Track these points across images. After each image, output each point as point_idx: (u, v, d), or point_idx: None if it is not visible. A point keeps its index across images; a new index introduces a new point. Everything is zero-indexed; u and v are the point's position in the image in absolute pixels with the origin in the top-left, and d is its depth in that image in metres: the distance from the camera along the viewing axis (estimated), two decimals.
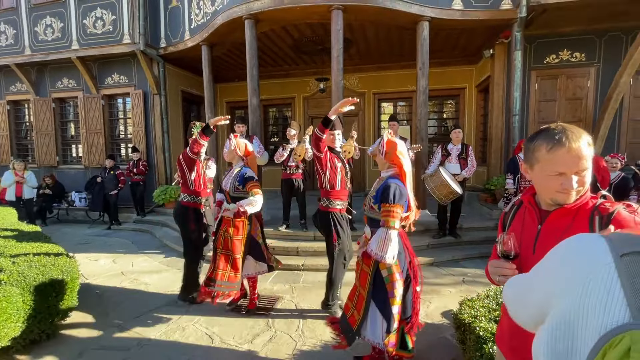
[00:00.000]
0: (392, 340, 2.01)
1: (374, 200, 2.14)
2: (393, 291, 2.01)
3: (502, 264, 1.06)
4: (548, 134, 1.01)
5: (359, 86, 8.60)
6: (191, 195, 3.37)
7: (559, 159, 0.98)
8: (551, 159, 1.00)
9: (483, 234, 5.08)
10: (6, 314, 2.29)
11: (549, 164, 1.00)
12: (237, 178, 2.98)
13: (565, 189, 0.99)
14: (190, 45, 6.62)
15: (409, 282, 2.13)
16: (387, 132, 2.22)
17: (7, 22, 7.95)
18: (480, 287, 3.46)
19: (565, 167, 0.98)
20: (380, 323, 2.05)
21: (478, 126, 7.97)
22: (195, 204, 3.39)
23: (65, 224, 7.53)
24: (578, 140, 0.97)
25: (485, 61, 7.05)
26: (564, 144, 0.97)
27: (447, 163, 4.82)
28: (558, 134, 0.99)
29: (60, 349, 2.65)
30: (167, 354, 2.56)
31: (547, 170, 1.01)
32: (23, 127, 9.10)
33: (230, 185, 3.01)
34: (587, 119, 6.16)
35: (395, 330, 2.02)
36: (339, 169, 2.93)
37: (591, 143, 0.99)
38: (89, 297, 3.54)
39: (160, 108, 7.54)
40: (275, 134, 9.78)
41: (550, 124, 1.05)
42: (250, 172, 3.01)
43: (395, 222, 1.97)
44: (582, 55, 6.08)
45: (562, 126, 1.02)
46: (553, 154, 0.99)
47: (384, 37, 6.60)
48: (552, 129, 1.02)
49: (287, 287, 3.80)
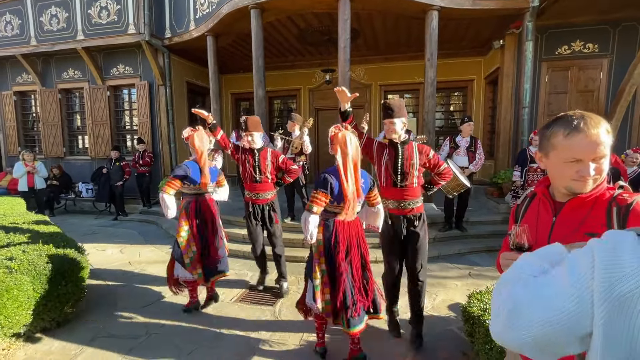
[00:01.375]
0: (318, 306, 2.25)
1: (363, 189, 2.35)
2: (314, 266, 2.28)
3: (515, 256, 1.03)
4: (566, 120, 0.99)
5: (365, 77, 8.49)
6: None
7: (576, 145, 0.96)
8: (568, 144, 0.97)
9: (490, 227, 5.04)
10: (18, 302, 2.32)
11: (566, 150, 0.98)
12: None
13: (582, 177, 0.97)
14: (195, 35, 6.56)
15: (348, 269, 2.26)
16: (334, 127, 2.27)
17: (13, 12, 7.93)
18: (487, 281, 3.45)
19: (583, 154, 0.95)
20: (311, 290, 2.33)
21: (486, 119, 7.86)
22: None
23: (73, 215, 7.61)
24: (597, 126, 0.94)
25: (494, 52, 6.91)
26: (582, 130, 0.95)
27: (455, 156, 4.77)
28: (576, 120, 0.97)
29: (70, 336, 2.69)
30: (175, 342, 2.59)
31: (563, 157, 0.99)
32: (30, 118, 9.14)
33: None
34: (598, 112, 5.96)
35: (316, 299, 2.24)
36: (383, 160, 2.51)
37: (610, 130, 0.96)
38: (97, 286, 3.59)
39: (165, 99, 7.53)
40: (280, 126, 9.72)
41: (568, 112, 1.02)
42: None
43: (314, 207, 2.17)
44: (595, 46, 5.92)
45: (580, 113, 0.99)
46: (570, 140, 0.97)
47: (391, 27, 6.49)
48: (570, 115, 0.99)
49: (292, 278, 3.81)
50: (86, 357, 2.44)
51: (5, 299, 2.25)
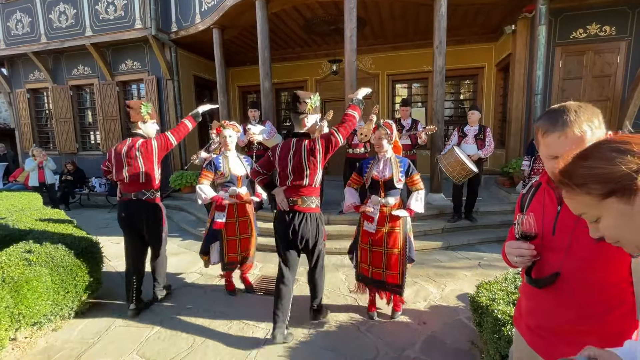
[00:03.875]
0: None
1: (402, 174, 2.61)
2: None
3: (520, 244, 1.05)
4: (545, 117, 1.01)
5: (372, 67, 8.38)
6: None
7: (552, 143, 0.98)
8: (545, 143, 1.00)
9: (500, 217, 4.97)
10: (37, 292, 2.41)
11: (544, 147, 1.01)
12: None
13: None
14: (201, 28, 6.55)
15: None
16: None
17: (23, 10, 8.05)
18: (497, 271, 3.42)
19: (560, 153, 0.95)
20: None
21: (497, 107, 7.69)
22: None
23: (87, 209, 7.80)
24: (574, 124, 0.94)
25: (505, 38, 6.72)
26: (555, 130, 0.96)
27: (464, 144, 4.69)
28: (554, 118, 0.97)
29: (88, 325, 2.79)
30: (189, 332, 2.66)
31: (544, 153, 1.02)
32: (43, 115, 9.35)
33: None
34: (615, 98, 5.84)
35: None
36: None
37: (596, 125, 0.95)
38: (112, 277, 3.69)
39: (173, 93, 7.58)
40: (288, 118, 9.72)
41: (556, 105, 1.02)
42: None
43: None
44: (613, 29, 5.69)
45: (563, 107, 0.98)
46: (547, 139, 0.99)
47: (399, 14, 6.35)
48: (553, 110, 1.00)
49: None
50: (104, 344, 2.53)
51: (26, 290, 2.34)
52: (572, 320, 1.00)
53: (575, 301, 0.99)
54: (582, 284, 0.98)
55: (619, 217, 0.65)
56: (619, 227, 0.66)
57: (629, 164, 0.62)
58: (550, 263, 1.05)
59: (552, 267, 1.04)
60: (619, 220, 0.66)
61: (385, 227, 2.61)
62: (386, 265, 2.63)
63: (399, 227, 2.62)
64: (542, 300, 1.07)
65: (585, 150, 0.69)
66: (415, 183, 2.66)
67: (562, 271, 1.01)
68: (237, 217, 3.10)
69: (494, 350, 1.80)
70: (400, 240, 2.61)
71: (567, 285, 1.00)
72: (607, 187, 0.64)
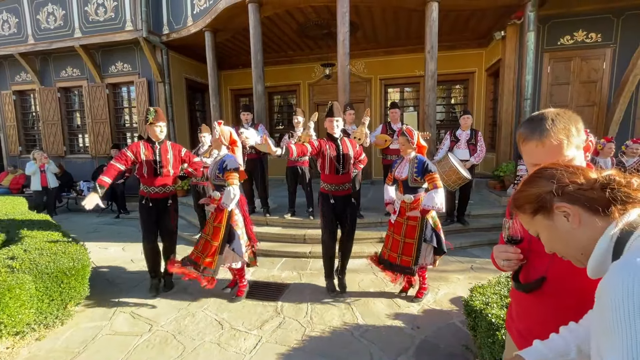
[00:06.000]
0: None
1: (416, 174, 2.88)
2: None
3: (507, 248, 1.07)
4: (525, 126, 1.02)
5: (365, 71, 8.42)
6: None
7: (530, 152, 0.99)
8: (525, 151, 1.01)
9: (492, 220, 5.01)
10: (20, 301, 2.33)
11: (525, 155, 1.03)
12: (218, 166, 2.98)
13: None
14: (193, 31, 6.50)
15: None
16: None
17: (9, 10, 7.88)
18: (490, 274, 3.44)
19: (539, 160, 0.97)
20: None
21: (487, 111, 7.79)
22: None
23: (75, 213, 7.63)
24: (550, 134, 0.95)
25: (495, 44, 6.83)
26: (533, 138, 0.97)
27: (456, 149, 4.73)
28: (532, 127, 0.98)
29: (74, 334, 2.70)
30: (179, 339, 2.60)
31: (525, 161, 1.04)
32: (30, 117, 9.13)
33: (212, 173, 3.03)
34: (601, 103, 5.97)
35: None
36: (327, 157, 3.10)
37: (573, 133, 0.96)
38: (100, 284, 3.60)
39: (164, 96, 7.49)
40: (281, 122, 9.69)
41: (536, 112, 1.03)
42: (232, 162, 2.96)
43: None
44: (598, 36, 5.84)
45: (542, 115, 0.99)
46: (525, 147, 1.00)
47: (391, 19, 6.41)
48: (532, 119, 1.01)
49: (295, 274, 3.81)
50: (90, 354, 2.45)
51: (8, 298, 2.25)
52: (560, 324, 1.00)
53: (563, 305, 0.98)
54: (567, 288, 0.98)
55: (547, 231, 0.78)
56: (550, 240, 0.79)
57: (544, 186, 0.75)
58: (536, 267, 1.05)
59: (539, 272, 1.04)
60: (549, 234, 0.78)
61: (404, 219, 2.98)
62: (402, 251, 2.98)
63: (415, 221, 2.93)
64: (531, 305, 1.07)
65: (527, 177, 0.83)
66: (431, 180, 2.84)
67: (548, 275, 1.01)
68: (212, 221, 3.04)
69: (489, 354, 1.79)
70: (417, 232, 2.92)
71: (553, 290, 1.00)
72: (532, 206, 0.78)
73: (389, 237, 3.12)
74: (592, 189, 0.72)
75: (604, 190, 0.70)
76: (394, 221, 3.07)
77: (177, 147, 3.38)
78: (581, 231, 0.73)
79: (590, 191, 0.72)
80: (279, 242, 4.61)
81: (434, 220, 3.00)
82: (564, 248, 0.78)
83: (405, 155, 2.99)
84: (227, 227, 2.99)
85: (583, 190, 0.72)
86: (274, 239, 4.67)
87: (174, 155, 3.29)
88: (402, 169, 3.00)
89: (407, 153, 2.96)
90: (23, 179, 7.96)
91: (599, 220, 0.71)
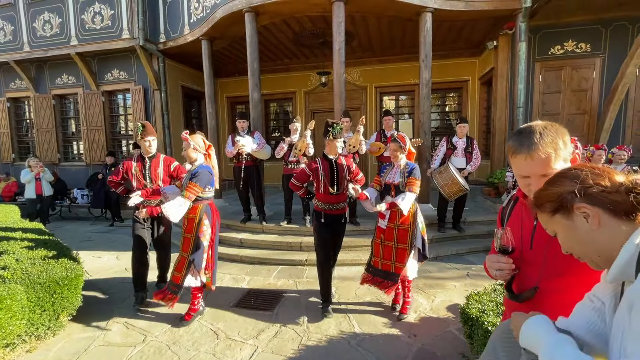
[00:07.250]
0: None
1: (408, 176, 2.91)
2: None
3: (499, 258, 1.07)
4: (513, 138, 1.03)
5: (360, 80, 8.51)
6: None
7: (519, 164, 1.00)
8: (514, 163, 1.03)
9: (487, 227, 5.04)
10: (11, 312, 2.28)
11: (514, 167, 1.04)
12: (190, 175, 2.83)
13: (531, 191, 1.00)
14: (190, 39, 6.55)
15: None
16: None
17: (5, 18, 7.88)
18: (485, 281, 3.45)
19: (528, 172, 0.99)
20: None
21: (481, 119, 7.90)
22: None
23: (68, 221, 7.54)
24: (538, 147, 0.96)
25: (488, 53, 6.96)
26: (521, 152, 0.98)
27: (454, 157, 4.76)
28: (520, 140, 1.00)
29: (66, 345, 2.65)
30: (173, 350, 2.56)
31: (515, 172, 1.05)
32: (24, 125, 9.07)
33: (184, 182, 2.87)
34: (592, 111, 6.09)
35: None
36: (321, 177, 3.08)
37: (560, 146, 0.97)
38: (93, 294, 3.54)
39: (161, 104, 7.50)
40: (277, 129, 9.72)
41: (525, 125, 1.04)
42: (204, 176, 2.78)
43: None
44: (588, 46, 5.98)
45: (530, 128, 1.00)
46: (514, 159, 1.02)
47: (386, 29, 6.52)
48: (520, 132, 1.02)
49: (291, 282, 3.79)
50: None
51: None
52: None
53: (555, 315, 1.00)
54: (559, 298, 0.99)
55: (565, 231, 0.78)
56: (568, 240, 0.79)
57: (567, 186, 0.76)
58: (529, 277, 1.06)
59: (531, 281, 1.05)
60: (566, 234, 0.78)
61: (395, 224, 2.95)
62: (395, 258, 2.93)
63: (407, 225, 2.91)
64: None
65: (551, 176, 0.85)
66: (408, 184, 2.87)
67: (540, 285, 1.02)
68: (183, 231, 2.92)
69: None
70: (409, 236, 2.90)
71: (546, 300, 1.01)
72: (552, 205, 0.78)
73: (378, 245, 3.05)
74: (616, 192, 0.70)
75: (628, 195, 0.69)
76: (385, 227, 3.02)
77: (169, 161, 3.35)
78: (600, 233, 0.72)
79: (614, 194, 0.70)
80: (275, 250, 4.59)
81: (422, 225, 3.03)
82: (580, 249, 0.77)
83: (396, 161, 3.00)
84: (196, 237, 2.84)
85: (607, 192, 0.71)
86: (270, 247, 4.65)
87: (164, 170, 3.29)
88: (394, 175, 3.02)
89: (399, 159, 2.97)
90: (16, 187, 7.87)
91: (622, 225, 0.70)
